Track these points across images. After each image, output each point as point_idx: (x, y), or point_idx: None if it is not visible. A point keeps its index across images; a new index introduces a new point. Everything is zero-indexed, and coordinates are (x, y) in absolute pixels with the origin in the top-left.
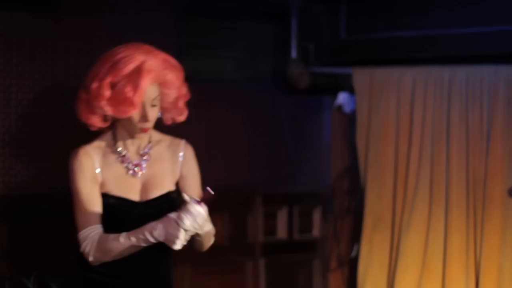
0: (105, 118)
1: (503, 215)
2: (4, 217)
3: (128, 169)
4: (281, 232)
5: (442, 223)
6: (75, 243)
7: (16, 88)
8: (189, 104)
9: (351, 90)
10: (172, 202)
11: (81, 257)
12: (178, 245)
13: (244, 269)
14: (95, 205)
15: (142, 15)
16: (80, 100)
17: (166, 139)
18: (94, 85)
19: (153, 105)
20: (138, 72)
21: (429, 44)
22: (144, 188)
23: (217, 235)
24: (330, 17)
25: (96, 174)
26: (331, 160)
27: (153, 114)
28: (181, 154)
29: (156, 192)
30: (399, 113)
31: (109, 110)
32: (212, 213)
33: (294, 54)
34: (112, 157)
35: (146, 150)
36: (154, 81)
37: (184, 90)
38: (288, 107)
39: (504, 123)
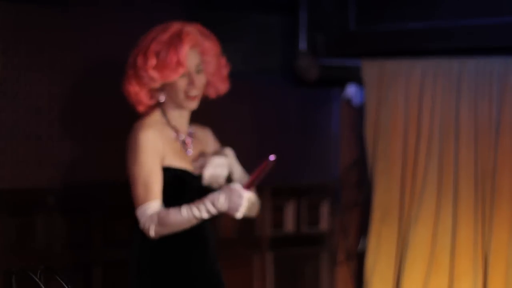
0: (151, 94)
1: (511, 208)
2: (11, 210)
3: (184, 143)
4: (289, 225)
5: (450, 217)
6: (82, 237)
7: (24, 81)
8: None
9: (360, 82)
10: (224, 176)
11: (140, 235)
12: (240, 213)
13: (251, 262)
14: (156, 179)
15: (151, 7)
16: (128, 77)
17: (195, 124)
18: (140, 56)
19: (198, 72)
20: (178, 36)
21: (438, 35)
22: (193, 161)
23: (225, 228)
24: (339, 8)
25: (160, 148)
26: (339, 152)
27: (200, 80)
28: (212, 138)
29: None
30: (408, 105)
31: (157, 77)
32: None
33: (303, 46)
34: (168, 131)
35: (191, 130)
36: (193, 45)
37: (223, 60)
38: (297, 99)
39: None
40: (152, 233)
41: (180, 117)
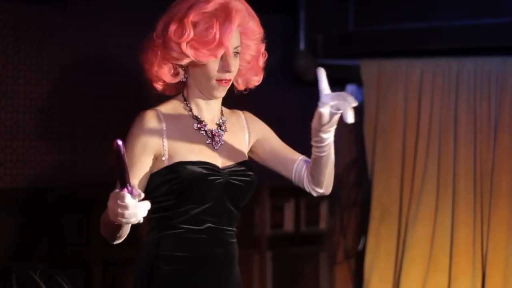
0: (175, 72)
1: (510, 207)
2: (11, 209)
3: (207, 136)
4: (288, 224)
5: (449, 216)
6: (82, 236)
7: (24, 81)
8: None
9: (359, 82)
10: (251, 174)
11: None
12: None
13: (251, 262)
14: (134, 171)
15: (150, 7)
16: (151, 48)
17: (227, 110)
18: (174, 25)
19: (235, 55)
20: (225, 10)
21: (437, 35)
22: (223, 157)
23: None
24: (338, 8)
25: (158, 142)
26: (339, 152)
27: (235, 64)
28: (244, 124)
29: (235, 160)
30: (407, 105)
31: (191, 54)
32: None
33: (302, 46)
34: (187, 121)
35: (222, 120)
36: (240, 23)
37: (263, 47)
38: (296, 99)
39: None
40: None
41: (207, 104)
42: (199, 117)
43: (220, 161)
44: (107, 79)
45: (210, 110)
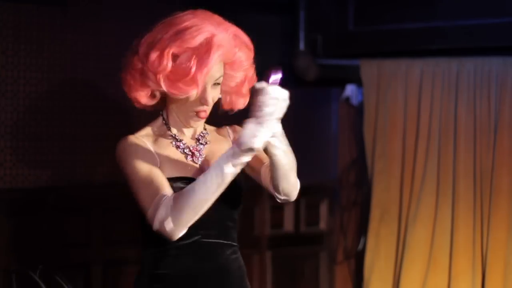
0: (152, 95)
1: (510, 207)
2: (11, 210)
3: (186, 154)
4: (288, 224)
5: (449, 216)
6: (82, 236)
7: (24, 81)
8: None
9: (358, 82)
10: (234, 182)
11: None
12: (258, 141)
13: (250, 262)
14: (158, 174)
15: (150, 7)
16: (131, 68)
17: (212, 128)
18: (154, 53)
19: (215, 85)
20: (207, 46)
21: (437, 35)
22: (206, 169)
23: None
24: (338, 8)
25: (153, 154)
26: (338, 152)
27: (214, 95)
28: (230, 132)
29: None
30: (407, 105)
31: (165, 86)
32: None
33: (301, 46)
34: (165, 141)
35: (202, 134)
36: (223, 59)
37: (251, 72)
38: (295, 99)
39: None
40: (169, 226)
41: (187, 130)
42: (177, 136)
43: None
44: (107, 79)
45: (190, 128)
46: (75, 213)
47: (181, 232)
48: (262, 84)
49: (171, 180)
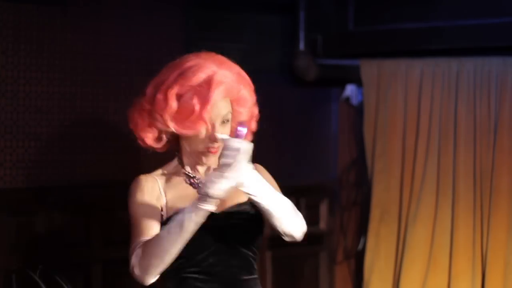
0: (159, 137)
1: (510, 207)
2: (11, 209)
3: (198, 188)
4: None
5: (449, 216)
6: (81, 236)
7: (24, 81)
8: None
9: (358, 82)
10: (253, 213)
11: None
12: (216, 189)
13: None
14: (147, 218)
15: (150, 7)
16: (139, 110)
17: None
18: (160, 95)
19: (223, 122)
20: (208, 83)
21: (437, 35)
22: (219, 203)
23: None
24: (338, 8)
25: (159, 196)
26: (338, 152)
27: (224, 132)
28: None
29: (233, 202)
30: (407, 105)
31: (173, 125)
32: None
33: (301, 46)
34: (178, 179)
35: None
36: (226, 95)
37: (255, 110)
38: (296, 99)
39: (511, 115)
40: (136, 270)
41: (201, 168)
42: (190, 173)
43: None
44: (106, 79)
45: (203, 165)
46: (75, 213)
47: (150, 279)
48: (224, 136)
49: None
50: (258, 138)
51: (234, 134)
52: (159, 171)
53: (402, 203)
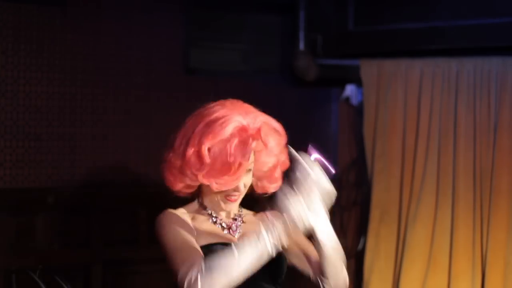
0: (190, 186)
1: (510, 207)
2: (11, 209)
3: (223, 227)
4: None
5: (449, 216)
6: (81, 236)
7: (23, 81)
8: (197, 96)
9: (358, 82)
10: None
11: None
12: (305, 221)
13: None
14: (194, 243)
15: (150, 7)
16: (169, 165)
17: (249, 212)
18: (190, 150)
19: (246, 171)
20: (238, 137)
21: (437, 36)
22: None
23: None
24: (338, 9)
25: (189, 225)
26: (338, 152)
27: (246, 181)
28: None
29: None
30: (407, 105)
31: (204, 181)
32: None
33: (301, 46)
34: (202, 217)
35: (239, 213)
36: (255, 148)
37: (283, 157)
38: (296, 99)
39: (511, 115)
40: (198, 285)
41: (222, 211)
42: (213, 213)
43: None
44: (106, 79)
45: (224, 210)
46: (74, 213)
47: None
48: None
49: (208, 246)
50: None
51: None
52: (182, 210)
53: (402, 203)
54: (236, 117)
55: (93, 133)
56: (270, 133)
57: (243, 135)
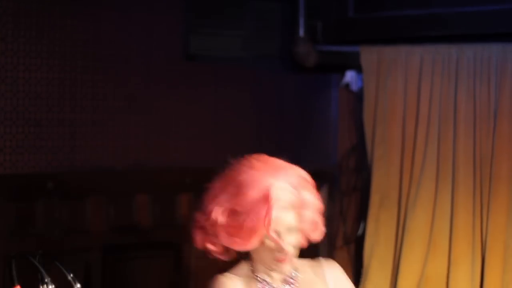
0: (227, 250)
1: (509, 193)
2: (11, 195)
3: None
4: None
5: (449, 201)
6: (81, 222)
7: (23, 67)
8: (196, 82)
9: (358, 69)
10: None
11: None
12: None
13: None
14: None
15: None
16: (196, 224)
17: (305, 262)
18: (215, 212)
19: (290, 231)
20: (264, 201)
21: (437, 22)
22: None
23: None
24: None
25: None
26: (338, 138)
27: (292, 241)
28: (328, 277)
29: None
30: (407, 91)
31: (225, 241)
32: None
33: (301, 32)
34: (255, 282)
35: (292, 275)
36: (287, 208)
37: (318, 203)
38: (295, 86)
39: (511, 102)
40: None
41: (275, 273)
42: (262, 278)
43: None
44: (106, 66)
45: (276, 272)
46: (74, 199)
47: None
48: None
49: None
50: (258, 125)
51: None
52: (232, 275)
53: (402, 188)
54: (265, 178)
55: (93, 119)
56: (304, 186)
57: (270, 200)
